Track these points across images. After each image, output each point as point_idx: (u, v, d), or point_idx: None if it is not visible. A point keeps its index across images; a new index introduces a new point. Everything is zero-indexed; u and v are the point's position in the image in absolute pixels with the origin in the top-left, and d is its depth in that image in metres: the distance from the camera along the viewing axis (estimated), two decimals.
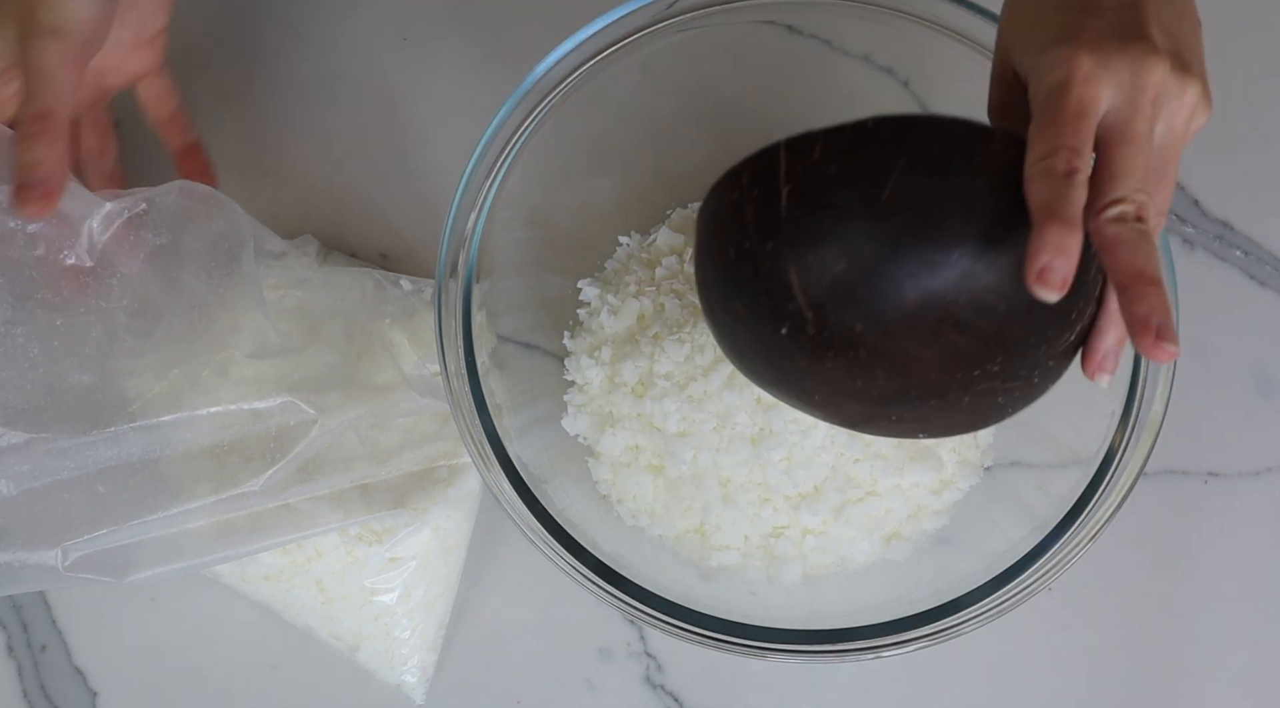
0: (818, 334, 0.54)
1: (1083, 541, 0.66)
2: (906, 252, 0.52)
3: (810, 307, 0.53)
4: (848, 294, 0.53)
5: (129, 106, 0.83)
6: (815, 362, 0.55)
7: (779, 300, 0.54)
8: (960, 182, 0.52)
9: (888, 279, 0.52)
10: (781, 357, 0.56)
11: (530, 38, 0.81)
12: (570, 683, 0.77)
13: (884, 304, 0.53)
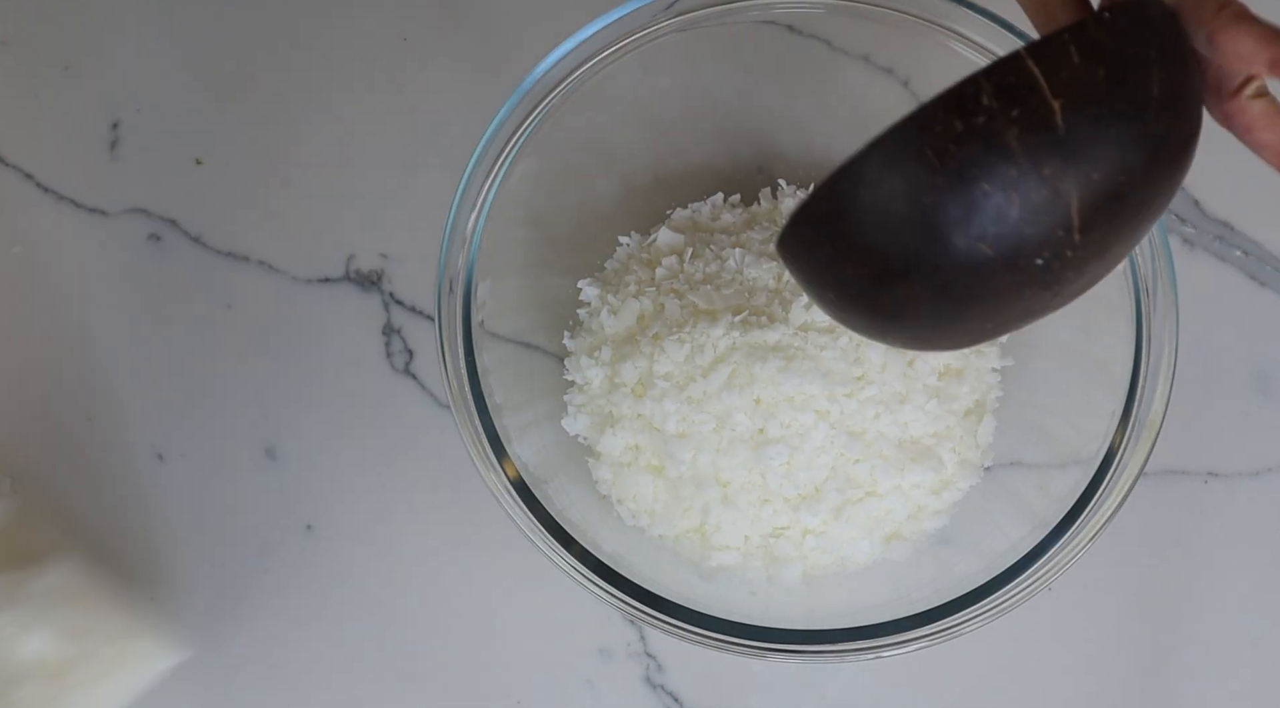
0: (1075, 258, 0.51)
1: (1083, 540, 0.66)
2: (1173, 147, 0.51)
3: (1080, 230, 0.51)
4: (1119, 207, 0.51)
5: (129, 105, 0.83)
6: (1045, 289, 0.52)
7: (1050, 230, 0.50)
8: (1185, 65, 0.51)
9: (1154, 179, 0.51)
10: (1012, 296, 0.52)
11: (530, 38, 0.81)
12: (570, 683, 0.77)
13: (1145, 208, 0.51)
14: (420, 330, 0.81)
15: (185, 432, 0.80)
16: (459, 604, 0.78)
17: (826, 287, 0.55)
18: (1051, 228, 0.50)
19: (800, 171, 0.79)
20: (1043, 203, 0.49)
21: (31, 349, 0.81)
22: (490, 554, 0.78)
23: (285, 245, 0.82)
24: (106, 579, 0.76)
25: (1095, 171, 0.50)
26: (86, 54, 0.84)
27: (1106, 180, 0.50)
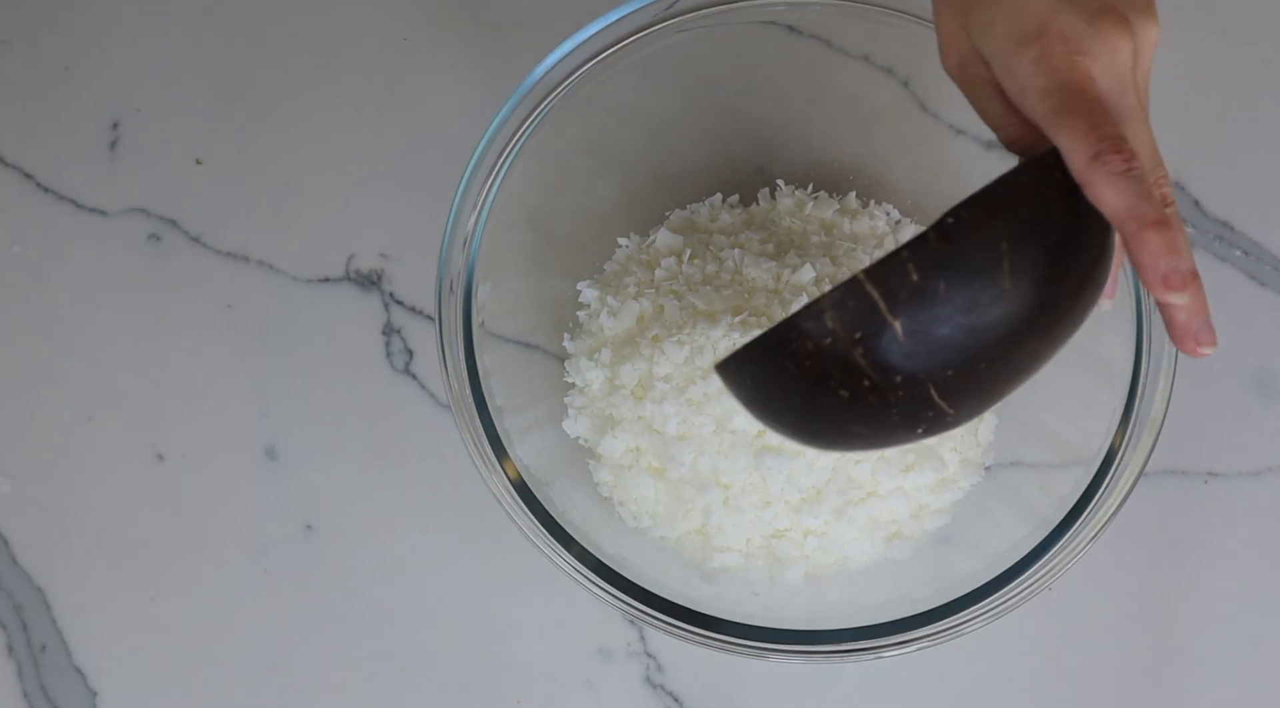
0: (956, 417, 0.54)
1: (1084, 540, 0.66)
2: (1039, 317, 0.53)
3: (951, 405, 0.54)
4: (989, 376, 0.54)
5: (129, 105, 0.83)
6: (931, 430, 0.55)
7: (917, 412, 0.54)
8: (1057, 228, 0.53)
9: (1025, 344, 0.53)
10: (892, 440, 0.57)
11: (530, 38, 0.81)
12: (570, 683, 0.77)
13: (1018, 362, 0.54)
14: (420, 330, 0.81)
15: (185, 432, 0.80)
16: (459, 604, 0.78)
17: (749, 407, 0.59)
18: (918, 413, 0.54)
19: (799, 172, 0.79)
20: (901, 401, 0.53)
21: (31, 349, 0.81)
22: (490, 554, 0.78)
23: (285, 245, 0.81)
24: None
25: (949, 368, 0.52)
26: (86, 54, 0.84)
27: (963, 369, 0.52)
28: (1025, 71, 0.53)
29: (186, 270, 0.81)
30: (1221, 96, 0.83)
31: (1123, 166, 0.51)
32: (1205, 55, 0.83)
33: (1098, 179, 0.51)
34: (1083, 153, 0.51)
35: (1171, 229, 0.51)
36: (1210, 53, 0.83)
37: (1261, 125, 0.82)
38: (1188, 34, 0.83)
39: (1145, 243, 0.51)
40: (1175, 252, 0.51)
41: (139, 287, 0.81)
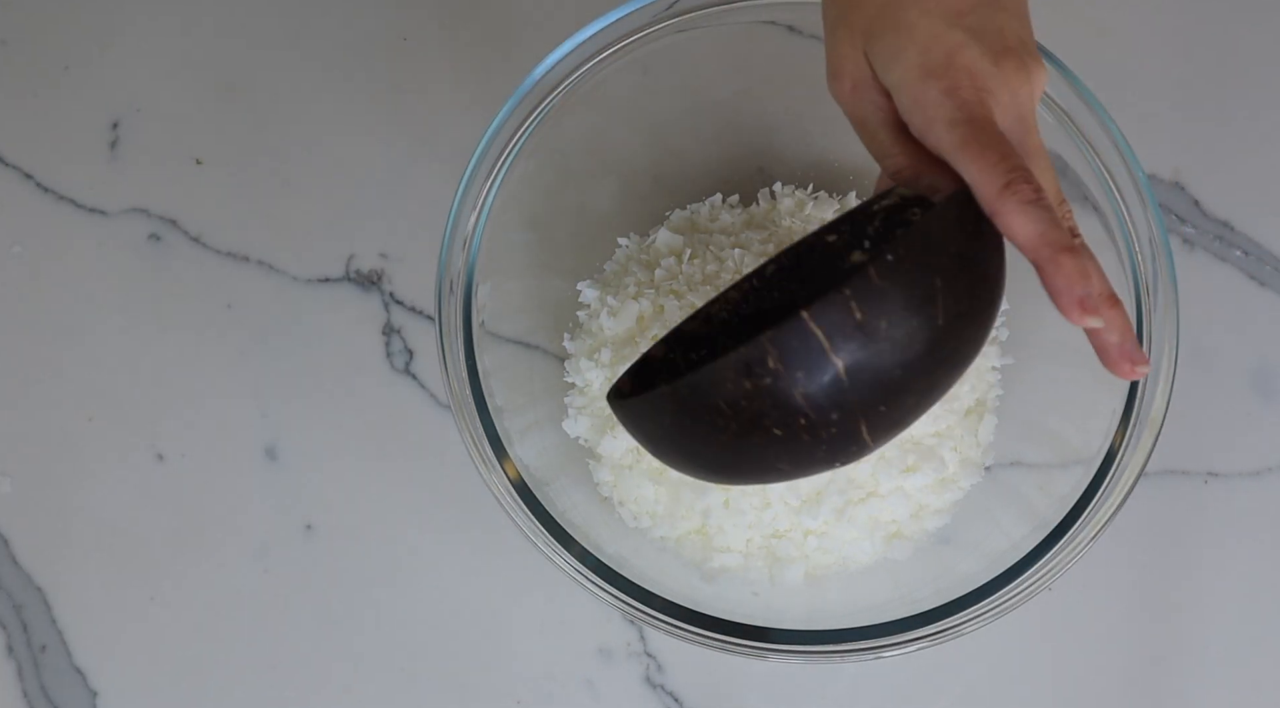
0: (875, 446, 0.55)
1: (1084, 540, 0.66)
2: (959, 349, 0.54)
3: (874, 438, 0.54)
4: (911, 409, 0.54)
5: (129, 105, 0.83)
6: (848, 461, 0.56)
7: (844, 446, 0.54)
8: (977, 262, 0.53)
9: (945, 376, 0.54)
10: (809, 472, 0.57)
11: (530, 38, 0.81)
12: (570, 683, 0.77)
13: (935, 393, 0.55)
14: (420, 330, 0.81)
15: (185, 432, 0.80)
16: (459, 604, 0.78)
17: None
18: (845, 448, 0.54)
19: (799, 172, 0.79)
20: (833, 437, 0.53)
21: (31, 349, 0.81)
22: (490, 554, 0.78)
23: (285, 245, 0.81)
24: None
25: (882, 404, 0.53)
26: (86, 54, 0.84)
27: (893, 403, 0.53)
28: (933, 102, 0.53)
29: (186, 270, 0.81)
30: (1221, 96, 0.83)
31: (1032, 195, 0.51)
32: (1205, 55, 0.83)
33: (1009, 207, 0.51)
34: (994, 183, 0.52)
35: (1081, 255, 0.51)
36: (1211, 53, 0.83)
37: (1261, 125, 0.82)
38: (1188, 34, 0.83)
39: (1060, 268, 0.51)
40: (1087, 276, 0.51)
41: (139, 287, 0.81)
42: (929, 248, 0.52)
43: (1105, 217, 0.69)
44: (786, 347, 0.51)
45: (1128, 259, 0.68)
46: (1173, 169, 0.81)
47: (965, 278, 0.53)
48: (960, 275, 0.53)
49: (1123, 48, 0.83)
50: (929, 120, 0.53)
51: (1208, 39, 0.83)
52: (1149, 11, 0.83)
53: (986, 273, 0.54)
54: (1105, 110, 0.68)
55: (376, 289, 0.81)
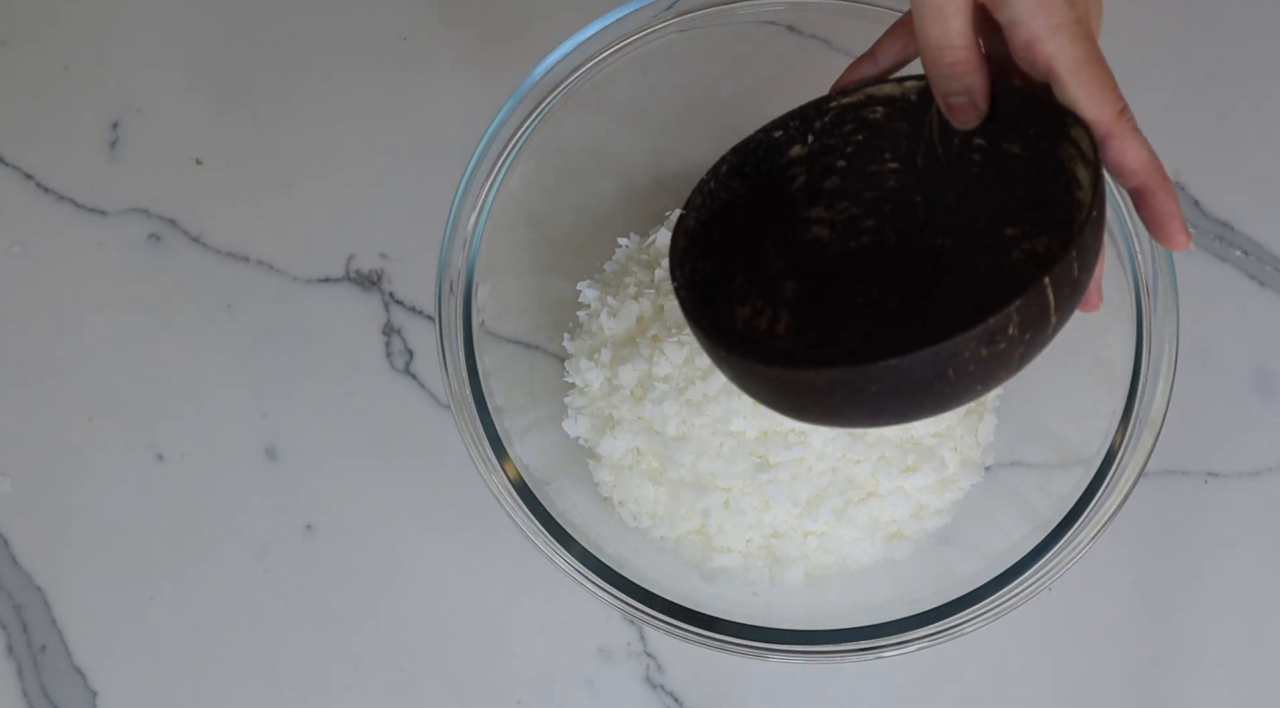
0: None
1: (1084, 540, 0.66)
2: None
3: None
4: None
5: (129, 105, 0.83)
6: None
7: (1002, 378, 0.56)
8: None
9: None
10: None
11: (530, 38, 0.81)
12: (570, 683, 0.77)
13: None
14: (420, 330, 0.81)
15: (185, 432, 0.80)
16: (459, 604, 0.78)
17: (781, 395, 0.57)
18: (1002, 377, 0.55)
19: None
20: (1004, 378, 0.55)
21: (31, 349, 0.81)
22: (490, 554, 0.78)
23: (285, 245, 0.82)
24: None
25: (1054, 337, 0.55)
26: (86, 54, 0.84)
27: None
28: (1059, 9, 0.52)
29: (186, 270, 0.82)
30: (1221, 96, 0.83)
31: (1136, 123, 0.53)
32: (1205, 55, 0.83)
33: (1126, 133, 0.53)
34: (1113, 106, 0.53)
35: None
36: (1210, 53, 0.83)
37: (1261, 125, 0.82)
38: (1188, 34, 0.83)
39: (1171, 195, 0.53)
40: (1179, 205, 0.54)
41: (139, 287, 0.81)
42: (1102, 204, 0.53)
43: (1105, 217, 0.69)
44: (1027, 313, 0.52)
45: (1128, 259, 0.68)
46: (1173, 169, 0.81)
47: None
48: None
49: (1123, 48, 0.83)
50: (1053, 28, 0.52)
51: (1208, 39, 0.83)
52: (1149, 11, 0.83)
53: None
54: None
55: (376, 289, 0.81)
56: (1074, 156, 0.55)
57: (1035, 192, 0.58)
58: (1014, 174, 0.59)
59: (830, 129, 0.61)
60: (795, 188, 0.62)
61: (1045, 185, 0.57)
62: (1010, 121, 0.57)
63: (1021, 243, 0.59)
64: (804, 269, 0.63)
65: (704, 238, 0.60)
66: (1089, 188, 0.54)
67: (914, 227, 0.62)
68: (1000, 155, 0.59)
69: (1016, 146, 0.58)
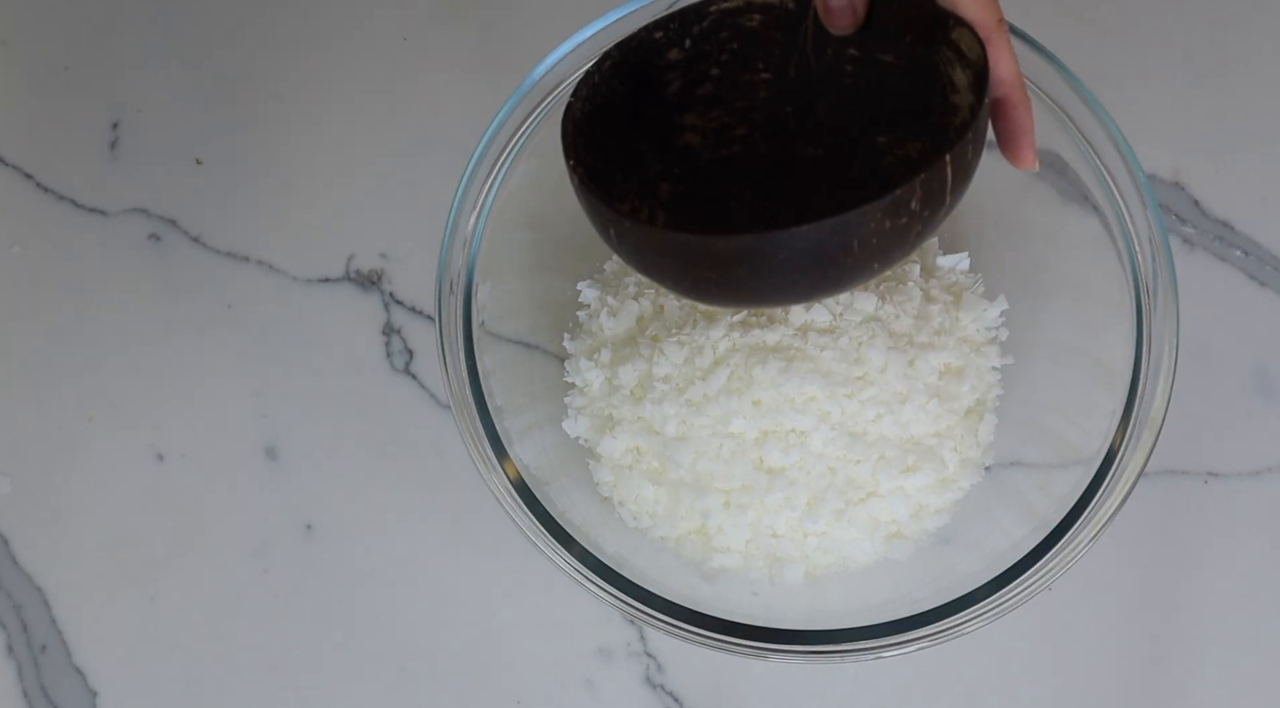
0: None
1: (1084, 540, 0.66)
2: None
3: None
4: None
5: (129, 105, 0.83)
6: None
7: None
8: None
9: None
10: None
11: (530, 38, 0.81)
12: (570, 683, 0.77)
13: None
14: (420, 330, 0.81)
15: (185, 432, 0.80)
16: (459, 604, 0.78)
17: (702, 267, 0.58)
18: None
19: None
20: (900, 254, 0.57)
21: (31, 349, 0.81)
22: (490, 554, 0.78)
23: (285, 245, 0.82)
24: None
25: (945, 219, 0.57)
26: (86, 54, 0.84)
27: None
28: None
29: (186, 270, 0.81)
30: (1222, 97, 0.83)
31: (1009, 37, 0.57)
32: (1205, 55, 0.83)
33: (1002, 42, 0.56)
34: (995, 13, 0.56)
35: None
36: (1210, 54, 0.83)
37: (1261, 125, 0.82)
38: (1188, 34, 0.83)
39: (1029, 109, 0.57)
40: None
41: (139, 287, 0.81)
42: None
43: (1105, 217, 0.69)
44: (929, 189, 0.54)
45: (1128, 259, 0.68)
46: (1173, 169, 0.81)
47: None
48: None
49: (1123, 48, 0.83)
50: None
51: (1208, 39, 0.83)
52: (1149, 11, 0.83)
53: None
54: (1105, 110, 0.68)
55: (376, 289, 0.81)
56: (951, 60, 0.58)
57: (908, 99, 0.60)
58: (886, 84, 0.60)
59: (707, 35, 0.62)
60: (671, 93, 0.63)
61: (919, 93, 0.59)
62: (885, 29, 0.59)
63: (894, 150, 0.61)
64: (677, 174, 0.63)
65: (588, 131, 0.60)
66: (969, 88, 0.57)
67: (786, 136, 0.63)
68: (873, 65, 0.61)
69: (890, 55, 0.60)
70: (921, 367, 0.71)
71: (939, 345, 0.72)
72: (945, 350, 0.72)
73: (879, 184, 0.61)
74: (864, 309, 0.71)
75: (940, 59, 0.58)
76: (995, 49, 0.57)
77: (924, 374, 0.71)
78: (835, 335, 0.70)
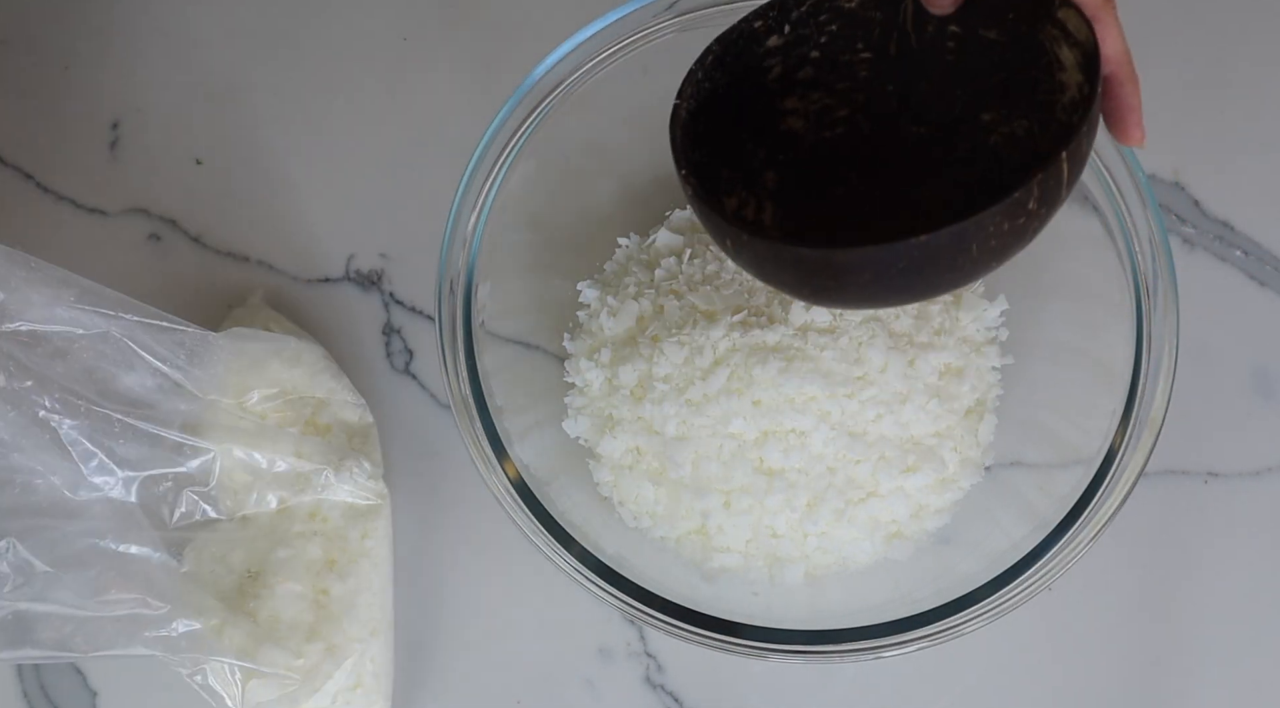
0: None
1: (1084, 540, 0.66)
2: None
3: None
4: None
5: (129, 105, 0.83)
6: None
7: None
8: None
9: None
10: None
11: (530, 38, 0.81)
12: (570, 683, 0.77)
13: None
14: (420, 330, 0.81)
15: None
16: (459, 604, 0.78)
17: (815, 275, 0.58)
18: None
19: None
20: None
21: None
22: (490, 554, 0.78)
23: (285, 245, 0.81)
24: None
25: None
26: (86, 54, 0.84)
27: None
28: None
29: (186, 270, 0.81)
30: (1222, 97, 0.83)
31: (1117, 13, 0.57)
32: (1205, 55, 0.83)
33: (1110, 19, 0.56)
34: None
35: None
36: (1210, 54, 0.83)
37: (1261, 125, 0.82)
38: (1188, 34, 0.83)
39: (1137, 86, 0.57)
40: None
41: (139, 287, 0.81)
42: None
43: (1105, 217, 0.69)
44: (1046, 187, 0.54)
45: (1128, 259, 0.68)
46: (1173, 169, 0.81)
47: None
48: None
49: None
50: None
51: (1208, 39, 0.83)
52: (1149, 11, 0.83)
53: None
54: None
55: (376, 289, 0.81)
56: (1057, 38, 0.57)
57: (1012, 76, 0.60)
58: (989, 59, 0.60)
59: (805, 19, 0.62)
60: (771, 79, 0.63)
61: (1023, 69, 0.59)
62: (987, 7, 0.59)
63: (999, 127, 0.61)
64: (782, 161, 0.63)
65: (694, 130, 0.60)
66: (1077, 68, 0.56)
67: (888, 116, 0.63)
68: (975, 41, 0.60)
69: (993, 32, 0.60)
70: (921, 367, 0.71)
71: (939, 345, 0.72)
72: (945, 350, 0.72)
73: (989, 170, 0.60)
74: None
75: (1045, 36, 0.58)
76: (1103, 27, 0.56)
77: (924, 374, 0.71)
78: (835, 335, 0.70)
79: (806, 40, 0.62)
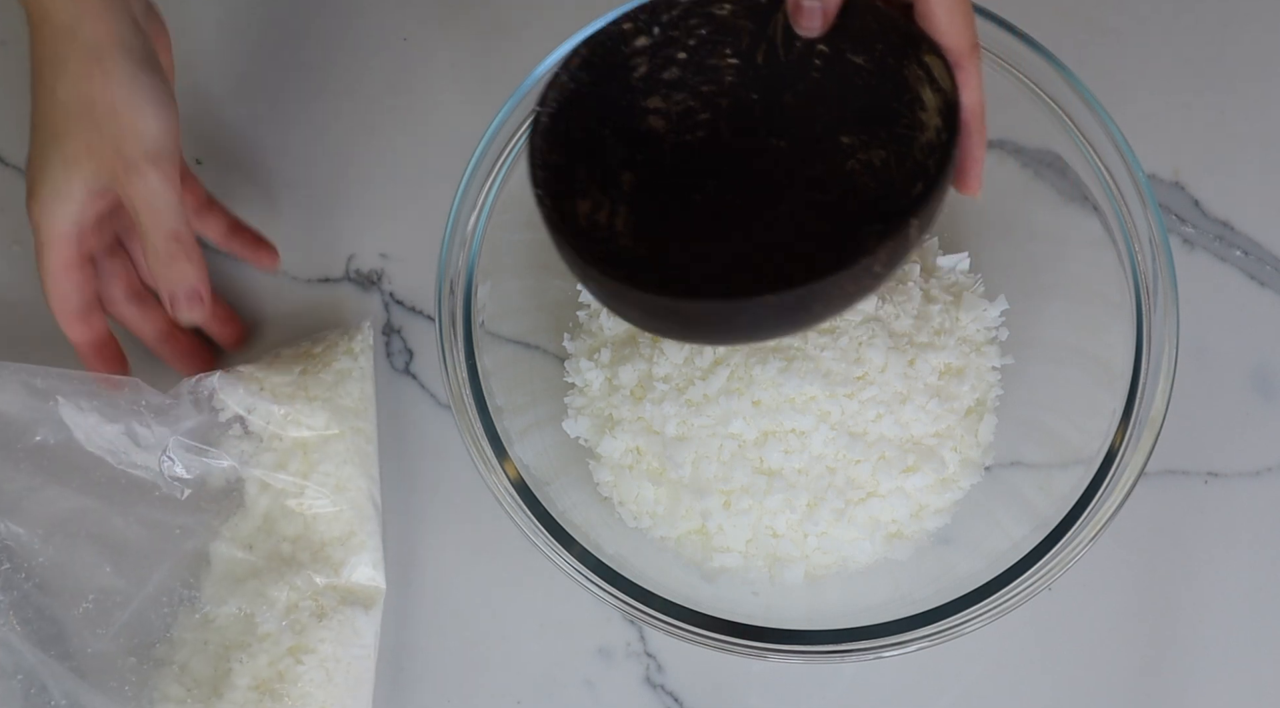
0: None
1: (1084, 540, 0.66)
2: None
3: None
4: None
5: None
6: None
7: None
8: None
9: None
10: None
11: (530, 38, 0.81)
12: (570, 683, 0.77)
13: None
14: (420, 330, 0.81)
15: None
16: (459, 604, 0.78)
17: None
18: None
19: None
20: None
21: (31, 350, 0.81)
22: (490, 554, 0.78)
23: (285, 245, 0.81)
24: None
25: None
26: None
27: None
28: None
29: None
30: (1222, 97, 0.83)
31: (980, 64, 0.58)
32: (1205, 55, 0.83)
33: (973, 69, 0.57)
34: (970, 39, 0.57)
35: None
36: (1210, 53, 0.83)
37: (1261, 125, 0.82)
38: (1188, 34, 0.83)
39: (983, 140, 0.58)
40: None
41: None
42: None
43: (1105, 217, 0.69)
44: (893, 252, 0.55)
45: (1128, 259, 0.68)
46: (1173, 169, 0.81)
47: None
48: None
49: (1123, 48, 0.83)
50: None
51: (1208, 39, 0.83)
52: (1149, 11, 0.83)
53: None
54: (1105, 110, 0.68)
55: (376, 289, 0.81)
56: (921, 79, 0.58)
57: (875, 103, 0.60)
58: (854, 83, 0.60)
59: (676, 22, 0.62)
60: (636, 77, 0.63)
61: (886, 99, 0.60)
62: (857, 35, 0.59)
63: (858, 153, 0.61)
64: (640, 161, 0.63)
65: (554, 132, 0.60)
66: (937, 113, 0.57)
67: (749, 126, 0.63)
68: (842, 64, 0.60)
69: (860, 58, 0.60)
70: (921, 367, 0.71)
71: (939, 345, 0.72)
72: (945, 350, 0.72)
73: (841, 219, 0.61)
74: (864, 309, 0.71)
75: (910, 74, 0.58)
76: (965, 75, 0.57)
77: (924, 374, 0.71)
78: (835, 335, 0.70)
79: (675, 42, 0.62)
